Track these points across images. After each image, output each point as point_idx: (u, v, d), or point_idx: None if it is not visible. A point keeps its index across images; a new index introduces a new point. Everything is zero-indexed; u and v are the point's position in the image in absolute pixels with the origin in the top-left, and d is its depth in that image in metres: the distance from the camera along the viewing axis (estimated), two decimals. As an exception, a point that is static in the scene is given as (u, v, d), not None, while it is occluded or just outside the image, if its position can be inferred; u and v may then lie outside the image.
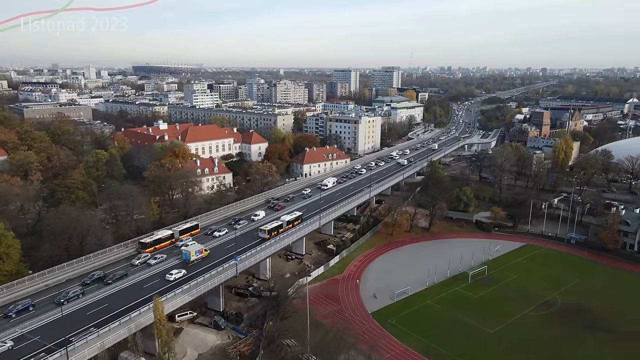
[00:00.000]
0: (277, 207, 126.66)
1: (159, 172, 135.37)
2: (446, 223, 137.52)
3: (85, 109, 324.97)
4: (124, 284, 79.96)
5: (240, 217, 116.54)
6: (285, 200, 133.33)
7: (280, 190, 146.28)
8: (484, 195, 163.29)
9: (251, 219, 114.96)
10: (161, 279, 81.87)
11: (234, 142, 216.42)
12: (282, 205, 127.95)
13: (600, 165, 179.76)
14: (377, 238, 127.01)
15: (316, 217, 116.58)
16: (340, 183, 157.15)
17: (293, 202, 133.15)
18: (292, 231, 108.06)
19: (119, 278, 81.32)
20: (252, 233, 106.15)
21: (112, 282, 80.00)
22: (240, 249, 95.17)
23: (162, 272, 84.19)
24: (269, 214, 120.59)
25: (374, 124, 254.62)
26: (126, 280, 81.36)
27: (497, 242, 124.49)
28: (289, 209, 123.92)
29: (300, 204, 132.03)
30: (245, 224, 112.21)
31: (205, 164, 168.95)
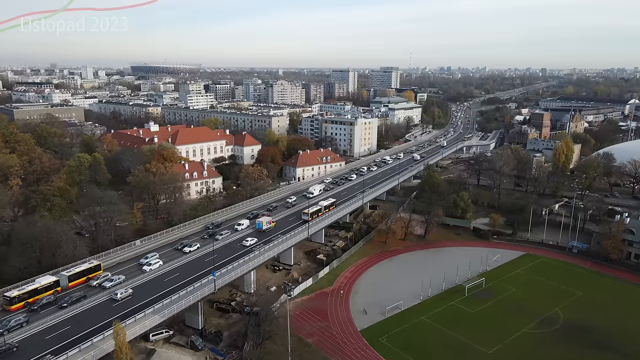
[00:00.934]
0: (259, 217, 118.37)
1: (143, 177, 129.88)
2: (442, 230, 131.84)
3: (77, 109, 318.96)
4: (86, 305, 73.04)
5: (220, 228, 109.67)
6: (268, 210, 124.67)
7: (271, 196, 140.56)
8: (482, 200, 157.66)
9: (234, 229, 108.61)
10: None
11: (226, 145, 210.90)
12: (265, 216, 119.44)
13: (602, 169, 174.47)
14: (370, 246, 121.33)
15: (305, 225, 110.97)
16: (328, 190, 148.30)
17: (276, 212, 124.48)
18: (279, 241, 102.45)
19: (76, 301, 72.97)
20: (235, 244, 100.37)
21: (67, 305, 71.30)
22: (222, 261, 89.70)
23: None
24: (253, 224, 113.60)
25: (371, 126, 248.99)
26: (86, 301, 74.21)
27: (496, 251, 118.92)
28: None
29: (283, 213, 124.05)
30: (227, 234, 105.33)
31: (194, 167, 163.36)
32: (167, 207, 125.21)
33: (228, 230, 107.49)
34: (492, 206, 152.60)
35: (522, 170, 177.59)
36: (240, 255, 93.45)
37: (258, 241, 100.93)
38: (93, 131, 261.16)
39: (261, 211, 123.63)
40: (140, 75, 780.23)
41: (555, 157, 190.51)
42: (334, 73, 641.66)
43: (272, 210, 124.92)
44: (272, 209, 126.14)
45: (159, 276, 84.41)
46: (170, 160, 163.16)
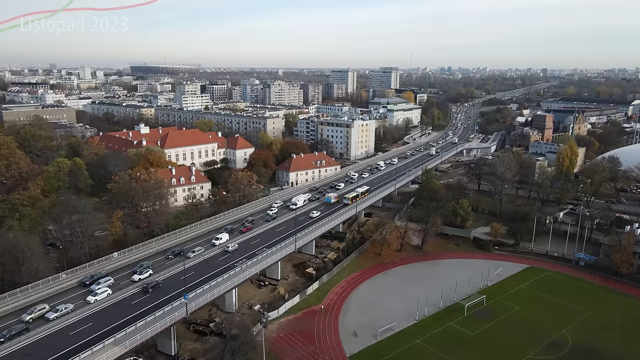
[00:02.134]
0: (242, 229, 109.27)
1: (124, 183, 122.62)
2: (441, 240, 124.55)
3: (68, 111, 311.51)
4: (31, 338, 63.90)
5: (192, 246, 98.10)
6: (243, 225, 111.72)
7: (262, 203, 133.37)
8: (483, 207, 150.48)
9: (212, 243, 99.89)
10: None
11: (217, 148, 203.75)
12: (246, 229, 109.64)
13: (608, 173, 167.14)
14: (363, 259, 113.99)
15: (294, 237, 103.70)
16: (314, 200, 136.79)
17: (253, 227, 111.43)
18: (266, 254, 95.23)
19: (16, 334, 63.25)
20: (213, 260, 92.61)
21: (3, 340, 61.51)
22: (203, 277, 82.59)
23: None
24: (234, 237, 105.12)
25: (368, 128, 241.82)
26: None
27: (497, 263, 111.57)
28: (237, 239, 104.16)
29: (258, 230, 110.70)
30: (200, 251, 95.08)
31: (181, 172, 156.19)
32: (149, 215, 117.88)
33: (202, 247, 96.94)
34: (493, 213, 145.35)
35: (525, 175, 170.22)
36: (224, 270, 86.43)
37: (322, 214, 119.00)
38: (83, 133, 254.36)
39: (232, 227, 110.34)
40: (139, 76, 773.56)
41: (558, 161, 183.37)
42: (333, 73, 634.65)
43: (247, 225, 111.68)
44: (249, 223, 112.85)
45: (123, 300, 75.91)
46: (157, 165, 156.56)
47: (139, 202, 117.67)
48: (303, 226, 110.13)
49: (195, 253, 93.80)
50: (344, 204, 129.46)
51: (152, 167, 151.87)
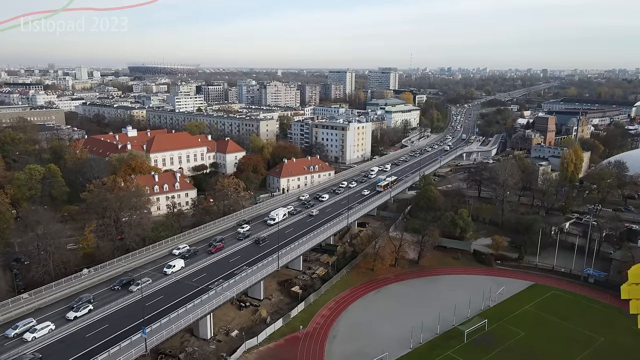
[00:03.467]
0: (211, 249, 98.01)
1: (98, 192, 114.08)
2: (439, 253, 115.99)
3: (57, 112, 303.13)
4: None
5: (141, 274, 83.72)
6: (210, 245, 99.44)
7: (248, 213, 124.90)
8: (484, 216, 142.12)
9: (163, 272, 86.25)
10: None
11: (207, 152, 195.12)
12: (214, 249, 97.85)
13: (615, 179, 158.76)
14: (354, 275, 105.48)
15: (282, 252, 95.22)
16: (295, 214, 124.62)
17: (220, 249, 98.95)
18: (247, 274, 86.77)
19: None
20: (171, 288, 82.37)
21: None
22: (178, 299, 74.20)
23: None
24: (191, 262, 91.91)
25: (364, 131, 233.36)
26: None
27: (499, 280, 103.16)
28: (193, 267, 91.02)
29: (231, 248, 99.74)
30: (147, 282, 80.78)
31: (164, 179, 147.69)
32: (123, 227, 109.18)
33: (149, 278, 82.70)
34: (494, 223, 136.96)
35: (527, 181, 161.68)
36: (201, 290, 77.76)
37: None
38: (70, 136, 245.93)
39: (197, 249, 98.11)
40: (136, 76, 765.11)
41: (563, 166, 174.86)
42: (331, 74, 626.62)
43: (213, 246, 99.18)
44: (216, 242, 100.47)
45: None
46: (139, 171, 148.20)
47: (114, 212, 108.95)
48: (288, 240, 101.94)
49: (141, 286, 77.55)
50: (377, 191, 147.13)
51: (134, 173, 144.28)
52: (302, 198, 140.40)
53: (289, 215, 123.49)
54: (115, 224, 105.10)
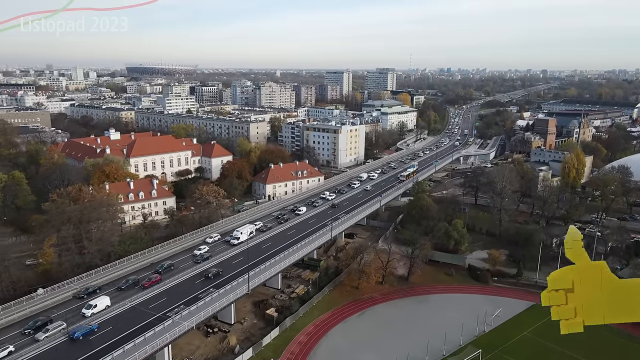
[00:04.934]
0: (144, 283, 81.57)
1: (61, 203, 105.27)
2: (430, 269, 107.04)
3: (42, 114, 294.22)
4: None
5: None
6: (157, 272, 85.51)
7: (226, 224, 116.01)
8: (481, 225, 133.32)
9: (81, 314, 69.93)
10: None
11: (192, 156, 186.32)
12: (147, 283, 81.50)
13: (620, 186, 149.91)
14: (338, 293, 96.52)
15: (252, 273, 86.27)
16: (266, 231, 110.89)
17: (167, 276, 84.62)
18: (217, 296, 77.93)
19: None
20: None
21: None
22: (120, 337, 65.05)
23: None
24: (118, 295, 77.02)
25: (357, 134, 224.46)
26: None
27: (496, 300, 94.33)
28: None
29: (182, 275, 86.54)
30: (60, 328, 65.42)
31: (140, 186, 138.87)
32: (84, 241, 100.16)
33: (63, 321, 66.47)
34: (492, 234, 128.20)
35: (527, 187, 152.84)
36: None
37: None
38: (53, 138, 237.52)
39: (137, 278, 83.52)
40: (133, 77, 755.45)
41: (564, 171, 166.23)
42: (328, 74, 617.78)
43: (162, 272, 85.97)
44: (165, 270, 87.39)
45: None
46: (114, 177, 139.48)
47: (74, 225, 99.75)
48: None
49: (48, 334, 64.25)
50: (400, 180, 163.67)
51: (108, 180, 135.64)
52: (279, 212, 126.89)
53: (258, 232, 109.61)
54: (75, 238, 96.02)
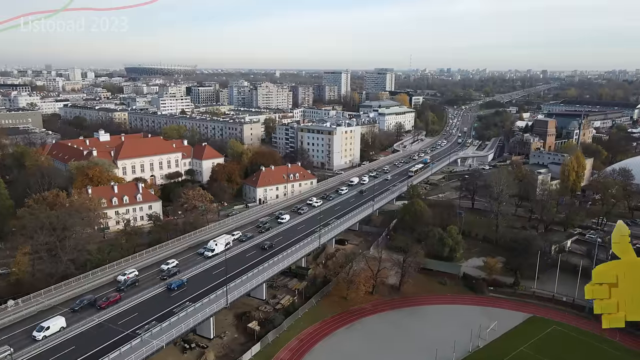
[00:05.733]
0: (101, 303, 73.68)
1: (37, 208, 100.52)
2: (423, 278, 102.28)
3: (34, 115, 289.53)
4: None
5: None
6: (118, 290, 79.01)
7: (211, 230, 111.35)
8: (477, 231, 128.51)
9: (32, 337, 63.19)
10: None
11: (182, 158, 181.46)
12: (105, 303, 73.67)
13: (621, 190, 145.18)
14: (326, 305, 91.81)
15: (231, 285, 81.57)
16: (245, 240, 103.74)
17: (113, 303, 74.80)
18: (192, 310, 73.20)
19: None
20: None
21: None
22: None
23: None
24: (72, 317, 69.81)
25: (352, 135, 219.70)
26: None
27: (492, 311, 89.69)
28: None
29: (143, 294, 78.56)
30: (6, 353, 57.91)
31: (125, 190, 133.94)
32: (58, 249, 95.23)
33: (9, 347, 59.53)
34: (488, 240, 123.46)
35: (525, 191, 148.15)
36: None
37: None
38: (43, 140, 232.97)
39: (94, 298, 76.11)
40: (131, 77, 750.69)
41: (563, 174, 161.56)
42: (326, 74, 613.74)
43: (124, 290, 79.40)
44: (127, 287, 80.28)
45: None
46: (98, 181, 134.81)
47: (46, 232, 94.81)
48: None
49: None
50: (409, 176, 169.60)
51: (92, 184, 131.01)
52: (261, 220, 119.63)
53: (237, 242, 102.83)
54: (49, 246, 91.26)
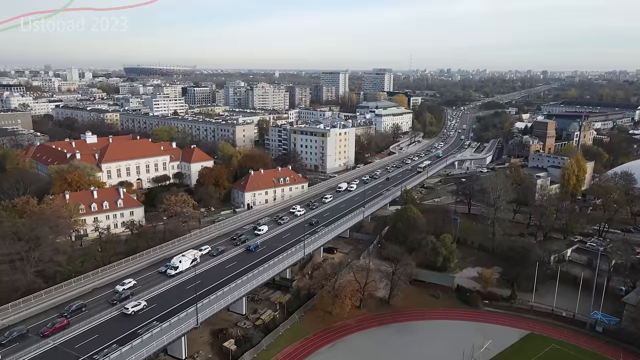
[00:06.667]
0: (45, 332, 65.51)
1: (5, 216, 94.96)
2: (415, 290, 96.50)
3: (23, 116, 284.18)
4: None
5: None
6: (62, 316, 70.10)
7: (193, 238, 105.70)
8: (473, 239, 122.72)
9: None
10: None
11: (170, 161, 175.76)
12: (47, 331, 65.63)
13: (623, 194, 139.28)
14: (309, 320, 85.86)
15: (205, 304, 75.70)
16: (216, 255, 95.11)
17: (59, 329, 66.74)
18: (158, 332, 67.41)
19: None
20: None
21: None
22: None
23: None
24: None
25: (347, 137, 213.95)
26: None
27: (487, 327, 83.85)
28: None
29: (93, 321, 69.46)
30: None
31: (106, 195, 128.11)
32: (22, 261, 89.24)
33: None
34: (484, 249, 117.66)
35: (524, 195, 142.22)
36: None
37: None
38: (31, 141, 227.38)
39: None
40: (130, 77, 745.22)
41: (563, 178, 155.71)
42: (324, 75, 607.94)
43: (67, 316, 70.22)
44: (71, 313, 70.89)
45: None
46: (77, 186, 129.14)
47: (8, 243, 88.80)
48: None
49: None
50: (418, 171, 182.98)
51: (71, 189, 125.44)
52: (236, 232, 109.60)
53: (207, 257, 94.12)
54: (10, 257, 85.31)
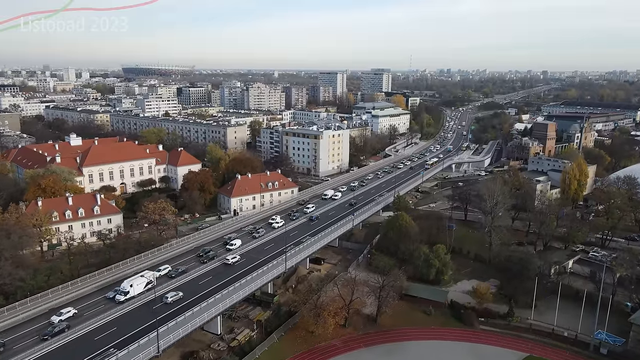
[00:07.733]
0: None
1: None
2: (406, 306, 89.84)
3: (10, 117, 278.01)
4: None
5: None
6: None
7: (172, 249, 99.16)
8: (469, 248, 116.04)
9: None
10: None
11: (156, 164, 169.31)
12: None
13: (626, 200, 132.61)
14: (288, 341, 79.17)
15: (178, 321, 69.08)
16: (173, 277, 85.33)
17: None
18: (124, 353, 60.89)
19: None
20: None
21: None
22: None
23: None
24: None
25: (340, 139, 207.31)
26: None
27: (482, 349, 77.29)
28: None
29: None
30: None
31: (81, 201, 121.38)
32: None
33: None
34: (480, 259, 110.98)
35: (523, 200, 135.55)
36: None
37: None
38: (16, 143, 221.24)
39: None
40: (128, 77, 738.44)
41: (564, 183, 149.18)
42: (322, 75, 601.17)
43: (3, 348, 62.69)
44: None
45: None
46: (52, 192, 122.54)
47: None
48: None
49: None
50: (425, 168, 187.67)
51: (45, 195, 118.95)
52: (204, 248, 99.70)
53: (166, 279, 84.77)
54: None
